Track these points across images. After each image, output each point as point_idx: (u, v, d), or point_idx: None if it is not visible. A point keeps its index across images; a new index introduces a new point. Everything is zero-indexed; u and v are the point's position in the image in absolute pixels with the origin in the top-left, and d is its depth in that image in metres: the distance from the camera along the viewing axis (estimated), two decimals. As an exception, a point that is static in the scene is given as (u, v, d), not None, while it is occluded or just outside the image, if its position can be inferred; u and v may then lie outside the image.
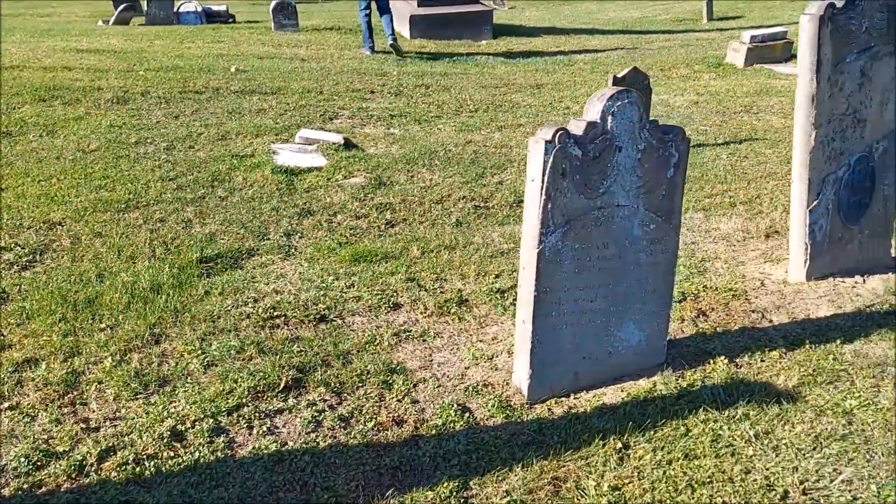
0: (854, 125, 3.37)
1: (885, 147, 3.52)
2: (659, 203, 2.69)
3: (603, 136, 2.50)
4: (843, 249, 3.64)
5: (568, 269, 2.56)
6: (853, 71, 3.26)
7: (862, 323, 3.25)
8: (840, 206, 3.51)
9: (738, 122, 7.07)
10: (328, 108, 7.19)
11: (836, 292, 3.51)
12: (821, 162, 3.36)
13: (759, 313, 3.30)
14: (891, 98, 3.43)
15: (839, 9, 3.10)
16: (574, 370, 2.70)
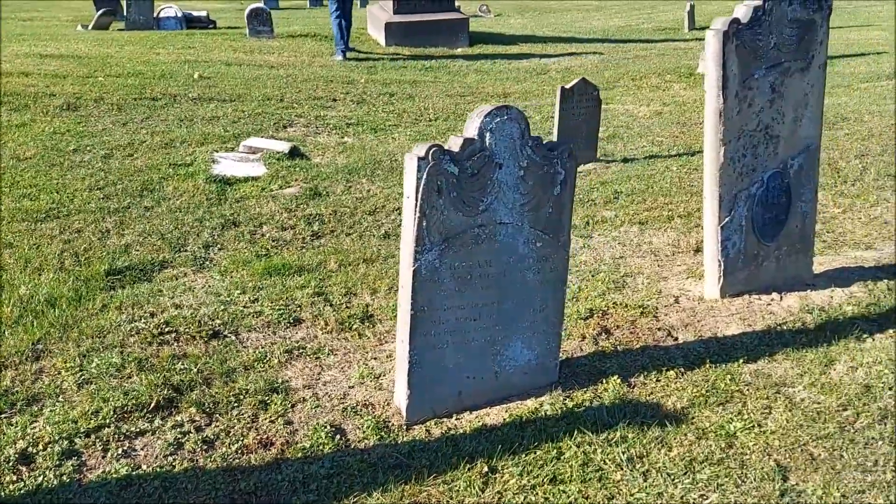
0: (766, 141, 3.34)
1: (801, 163, 3.48)
2: (546, 220, 2.65)
3: (481, 153, 2.46)
4: (760, 267, 3.60)
5: (448, 287, 2.52)
6: (763, 87, 3.22)
7: (769, 342, 3.21)
8: (755, 222, 3.47)
9: (697, 134, 7.04)
10: (285, 116, 7.16)
11: (749, 310, 3.47)
12: (732, 178, 3.32)
13: (666, 331, 3.26)
14: (805, 114, 3.40)
15: (744, 24, 3.07)
16: (458, 390, 2.66)
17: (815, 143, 3.48)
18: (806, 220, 3.64)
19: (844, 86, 9.46)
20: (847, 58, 11.17)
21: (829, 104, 8.34)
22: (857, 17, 16.76)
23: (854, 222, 4.79)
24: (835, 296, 3.65)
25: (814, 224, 3.69)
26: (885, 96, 8.68)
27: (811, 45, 3.26)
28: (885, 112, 7.80)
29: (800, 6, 3.17)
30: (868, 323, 3.41)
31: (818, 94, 3.39)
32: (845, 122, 7.42)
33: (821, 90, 3.40)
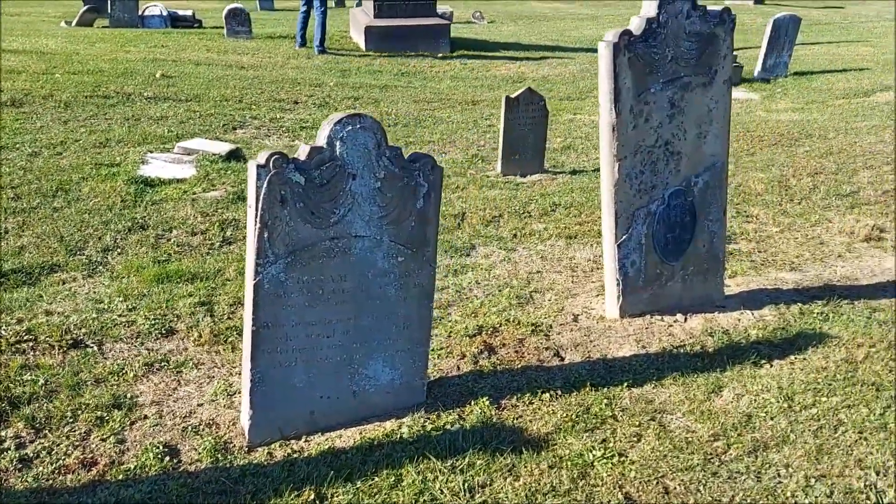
0: (667, 158, 3.24)
1: (706, 181, 3.38)
2: (409, 234, 2.55)
3: (332, 163, 2.36)
4: (664, 287, 3.49)
5: (296, 302, 2.42)
6: (661, 101, 3.12)
7: (661, 365, 3.10)
8: (656, 241, 3.36)
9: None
10: (239, 117, 7.08)
11: (647, 331, 3.36)
12: (629, 195, 3.22)
13: (554, 351, 3.15)
14: (709, 130, 3.29)
15: (637, 37, 2.97)
16: (310, 410, 2.55)
17: (721, 160, 3.37)
18: (714, 239, 3.53)
19: (819, 102, 9.35)
20: (828, 73, 11.06)
21: (797, 120, 8.27)
22: (849, 33, 16.63)
23: (789, 242, 4.67)
24: (743, 319, 3.54)
25: (723, 244, 3.58)
26: (858, 113, 8.56)
27: (713, 59, 3.16)
28: (853, 129, 7.68)
29: (699, 20, 3.06)
30: (770, 348, 3.30)
31: (723, 110, 3.29)
32: (808, 139, 7.31)
33: (726, 106, 3.29)
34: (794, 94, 9.72)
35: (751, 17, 18.81)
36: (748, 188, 5.72)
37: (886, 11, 21.75)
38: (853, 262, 4.37)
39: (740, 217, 5.12)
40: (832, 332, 3.44)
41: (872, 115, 8.42)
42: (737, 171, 6.20)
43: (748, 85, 10.35)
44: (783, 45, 10.52)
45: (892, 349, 3.30)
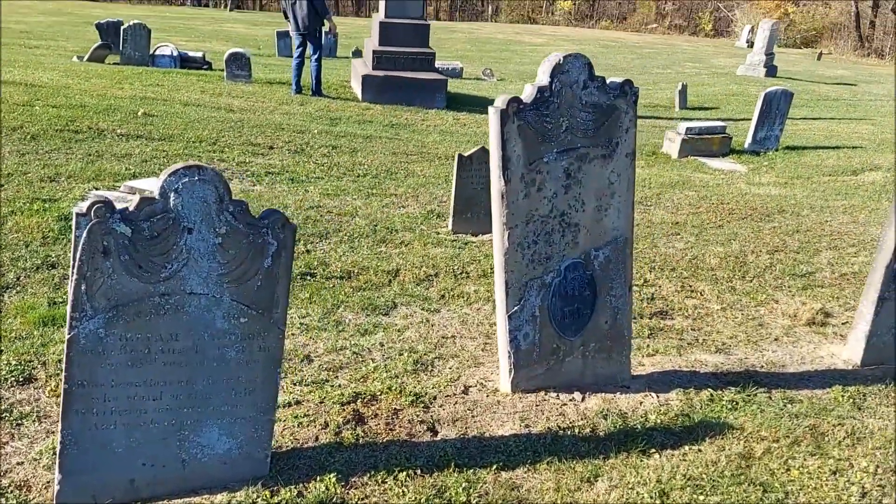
0: (562, 229, 3.12)
1: (608, 255, 3.25)
2: (254, 295, 2.44)
3: (164, 215, 2.27)
4: (562, 362, 3.34)
5: (117, 360, 2.30)
6: (555, 171, 3.02)
7: (540, 447, 2.94)
8: (553, 314, 3.23)
9: (619, 213, 6.80)
10: (206, 159, 7.08)
11: (537, 409, 3.20)
12: (521, 265, 3.10)
13: (429, 425, 2.99)
14: (611, 204, 3.18)
15: (528, 104, 2.89)
16: (130, 477, 2.41)
17: (624, 235, 3.24)
18: (618, 316, 3.38)
19: (804, 178, 9.21)
20: (821, 149, 10.94)
21: (776, 195, 8.14)
22: (854, 110, 16.56)
23: (727, 322, 4.50)
24: (646, 401, 3.37)
25: (629, 321, 3.43)
26: (840, 192, 8.41)
27: (613, 131, 3.06)
28: (829, 208, 7.53)
29: (598, 90, 2.98)
30: (666, 436, 3.12)
31: (626, 183, 3.18)
32: (781, 214, 7.16)
33: (629, 180, 3.18)
34: (781, 169, 9.60)
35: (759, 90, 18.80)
36: (703, 262, 5.57)
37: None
38: (787, 346, 4.19)
39: (684, 292, 4.96)
40: (737, 422, 3.26)
41: (854, 194, 8.27)
42: (696, 243, 6.06)
43: (736, 156, 10.26)
44: (774, 118, 10.44)
45: (796, 445, 3.11)
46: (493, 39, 32.12)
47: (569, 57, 2.89)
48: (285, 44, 20.13)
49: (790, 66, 26.93)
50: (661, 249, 5.86)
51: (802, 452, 3.08)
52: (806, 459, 3.03)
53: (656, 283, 5.09)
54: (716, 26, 50.94)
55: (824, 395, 3.61)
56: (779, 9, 45.56)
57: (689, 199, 7.65)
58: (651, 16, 53.98)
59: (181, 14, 35.84)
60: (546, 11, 55.53)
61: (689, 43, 37.99)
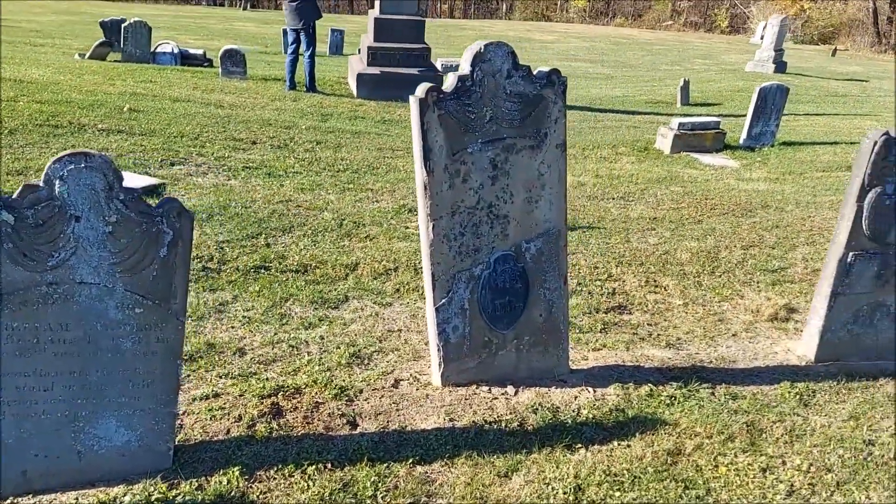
0: (491, 221, 3.06)
1: (540, 248, 3.19)
2: (149, 285, 2.41)
3: (49, 202, 2.25)
4: (496, 355, 3.29)
5: (4, 350, 2.28)
6: (480, 162, 2.96)
7: (462, 441, 2.89)
8: (483, 307, 3.17)
9: (597, 209, 6.74)
10: (185, 153, 7.08)
11: (466, 403, 3.15)
12: (447, 257, 3.04)
13: (350, 419, 2.95)
14: (542, 195, 3.12)
15: (448, 94, 2.84)
16: (22, 469, 2.39)
17: (556, 227, 3.18)
18: (553, 309, 3.32)
19: (796, 173, 9.06)
20: (818, 145, 10.77)
21: (764, 190, 8.01)
22: (862, 106, 16.30)
23: (687, 317, 4.43)
24: (581, 396, 3.31)
25: (566, 314, 3.37)
26: (830, 187, 8.26)
27: (541, 121, 3.00)
28: (815, 203, 7.40)
29: (523, 80, 2.92)
30: (596, 431, 3.07)
31: (557, 175, 3.11)
32: (764, 209, 7.04)
33: (561, 171, 3.12)
34: (774, 164, 9.45)
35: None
36: (673, 257, 5.48)
37: (910, 86, 21.39)
38: (743, 342, 4.11)
39: (648, 286, 4.88)
40: (672, 418, 3.19)
41: (845, 189, 8.10)
42: (671, 238, 5.97)
43: (730, 152, 10.12)
44: (770, 113, 10.29)
45: (730, 441, 3.04)
46: (504, 36, 31.95)
47: (490, 45, 2.83)
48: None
49: (802, 63, 26.59)
50: (634, 244, 5.78)
51: (735, 449, 3.00)
52: (737, 456, 2.96)
53: (621, 277, 5.01)
54: (732, 23, 50.42)
55: (771, 392, 3.53)
56: (795, 4, 45.04)
57: (672, 195, 7.55)
58: (667, 13, 53.57)
59: (194, 13, 36.02)
60: (560, 9, 55.28)
61: (703, 40, 37.63)
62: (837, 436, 3.16)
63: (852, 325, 3.84)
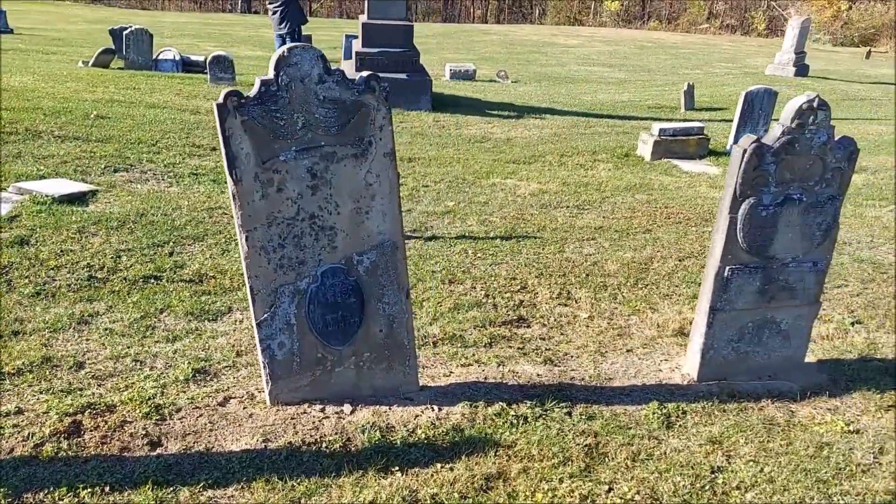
0: (315, 232, 2.95)
1: (374, 260, 3.06)
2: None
3: None
4: (332, 373, 3.17)
5: None
6: (297, 171, 2.85)
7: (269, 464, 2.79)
8: (313, 322, 3.06)
9: (544, 218, 6.57)
10: (135, 160, 7.11)
11: (291, 422, 3.03)
12: (267, 270, 2.94)
13: (154, 439, 2.86)
14: (372, 206, 2.99)
15: (251, 99, 2.73)
16: None
17: (391, 239, 3.05)
18: (394, 324, 3.19)
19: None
20: (810, 151, 10.38)
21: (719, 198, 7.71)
22: (878, 110, 15.75)
23: (587, 331, 4.26)
24: (423, 415, 3.18)
25: (410, 329, 3.23)
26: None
27: (364, 129, 2.88)
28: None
29: (338, 85, 2.80)
30: (425, 451, 2.94)
31: (388, 184, 2.99)
32: (721, 218, 6.77)
33: (392, 181, 2.99)
34: (754, 171, 9.12)
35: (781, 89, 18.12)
36: (601, 268, 5.30)
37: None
38: (632, 358, 3.92)
39: (560, 299, 4.72)
40: (510, 439, 3.04)
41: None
42: (608, 248, 5.78)
43: (714, 159, 9.83)
44: (758, 118, 9.97)
45: (563, 465, 2.88)
46: (527, 41, 31.82)
47: (296, 49, 2.72)
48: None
49: (831, 66, 25.91)
50: (567, 254, 5.60)
51: (564, 474, 2.84)
52: (562, 482, 2.80)
53: (535, 289, 4.85)
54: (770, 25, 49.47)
55: (636, 412, 3.35)
56: (832, 6, 43.96)
57: (633, 203, 7.34)
58: (703, 16, 52.76)
59: (222, 20, 36.59)
60: (593, 13, 54.86)
61: (733, 43, 36.96)
62: (685, 461, 2.97)
63: (737, 343, 3.63)
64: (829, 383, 3.67)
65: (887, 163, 9.43)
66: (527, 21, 53.87)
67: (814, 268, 3.53)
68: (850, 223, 6.66)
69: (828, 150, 3.32)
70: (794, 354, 3.75)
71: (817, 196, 3.39)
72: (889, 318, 4.45)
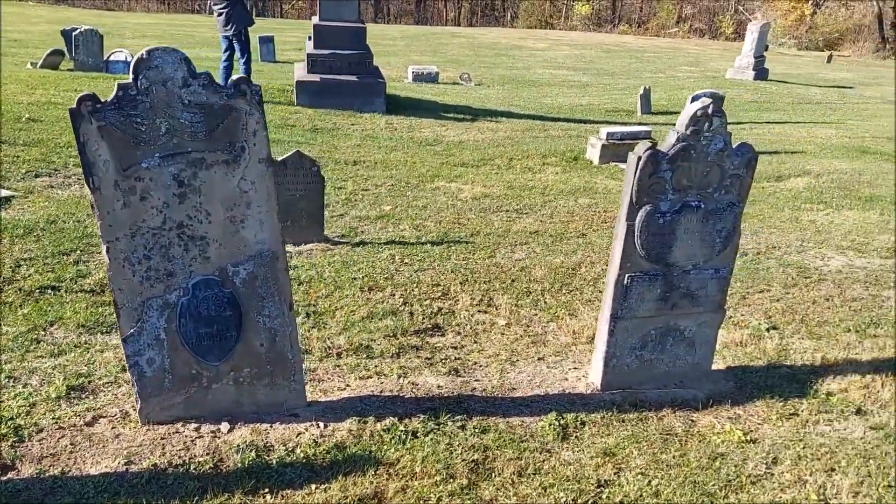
0: (185, 243, 2.81)
1: (252, 272, 2.93)
2: None
3: None
4: (209, 390, 3.03)
5: None
6: (162, 178, 2.72)
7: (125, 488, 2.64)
8: (185, 337, 2.92)
9: (480, 222, 6.47)
10: (59, 165, 6.90)
11: (161, 442, 2.89)
12: (132, 282, 2.80)
13: (6, 462, 2.71)
14: (248, 214, 2.86)
15: (107, 104, 2.59)
16: None
17: (270, 248, 2.93)
18: (277, 338, 3.06)
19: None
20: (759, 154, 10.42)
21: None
22: (833, 114, 15.91)
23: (502, 339, 4.17)
24: (307, 433, 3.05)
25: (294, 342, 3.11)
26: (750, 199, 7.93)
27: (235, 134, 2.75)
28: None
29: (204, 89, 2.67)
30: (302, 471, 2.84)
31: (266, 192, 2.86)
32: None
33: (269, 188, 2.86)
34: (700, 174, 9.12)
35: (739, 93, 18.29)
36: (528, 273, 5.22)
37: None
38: (541, 367, 3.84)
39: (480, 305, 4.62)
40: (394, 455, 2.93)
41: (764, 201, 7.80)
42: (540, 253, 5.70)
43: (662, 161, 9.79)
44: (705, 121, 9.95)
45: (446, 483, 2.77)
46: (496, 44, 31.76)
47: (156, 51, 2.59)
48: (268, 49, 20.07)
49: (792, 69, 26.20)
50: (496, 259, 5.51)
51: (444, 492, 2.74)
52: (441, 500, 2.69)
53: (456, 296, 4.75)
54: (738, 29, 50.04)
55: (533, 424, 3.26)
56: (796, 10, 44.55)
57: (574, 207, 7.28)
58: (672, 19, 53.23)
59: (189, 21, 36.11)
60: (564, 16, 55.12)
61: (699, 47, 37.25)
62: (573, 475, 2.88)
63: (641, 351, 3.55)
64: (734, 391, 3.60)
65: (831, 166, 9.47)
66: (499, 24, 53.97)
67: (716, 275, 3.47)
68: (785, 227, 6.65)
69: (725, 156, 3.25)
70: (700, 362, 3.68)
71: (716, 203, 3.32)
72: (805, 323, 4.40)
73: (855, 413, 3.42)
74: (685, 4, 53.97)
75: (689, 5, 53.88)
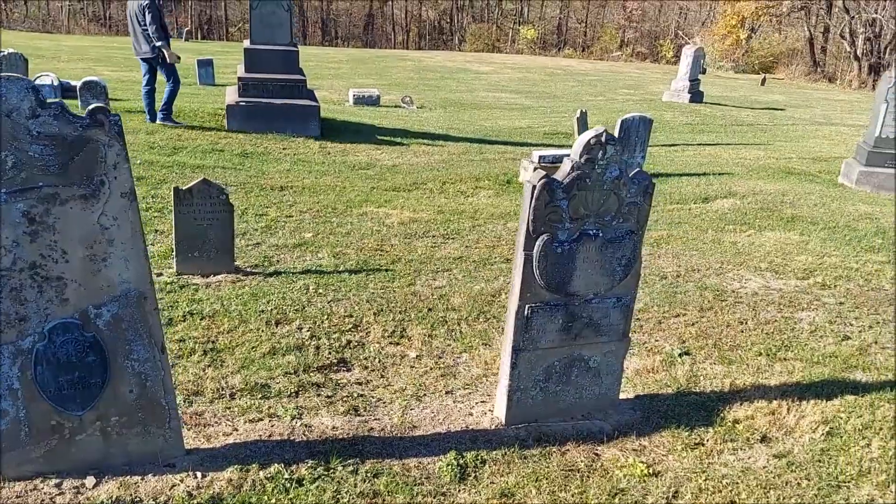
0: (38, 284, 2.60)
1: (117, 313, 2.73)
2: None
3: None
4: (72, 442, 2.81)
5: None
6: (10, 216, 2.51)
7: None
8: (44, 386, 2.70)
9: (403, 249, 6.33)
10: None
11: (12, 502, 2.65)
12: (-18, 328, 2.57)
13: None
14: (111, 252, 2.67)
15: (-56, 136, 2.38)
16: None
17: (136, 288, 2.73)
18: (148, 383, 2.85)
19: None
20: (686, 176, 10.56)
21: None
22: (763, 135, 16.29)
23: (411, 372, 4.03)
24: (183, 483, 2.84)
25: (168, 388, 2.90)
26: (675, 220, 7.98)
27: (93, 167, 2.56)
28: (649, 240, 7.07)
29: (56, 119, 2.49)
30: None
31: (130, 228, 2.67)
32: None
33: (133, 224, 2.67)
34: (630, 196, 9.16)
35: (675, 115, 18.62)
36: (447, 302, 5.08)
37: (823, 115, 21.65)
38: (447, 402, 3.69)
39: (393, 337, 4.47)
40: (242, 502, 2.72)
41: (689, 223, 7.84)
42: (461, 280, 5.58)
43: (593, 183, 9.82)
44: (635, 145, 10.06)
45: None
46: (441, 67, 31.89)
47: (1, 79, 2.40)
48: (206, 72, 19.73)
49: (728, 92, 26.89)
50: (415, 288, 5.37)
51: (323, 548, 2.55)
52: (317, 557, 2.51)
53: (368, 327, 4.59)
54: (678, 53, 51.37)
55: (431, 464, 3.10)
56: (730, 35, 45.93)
57: (501, 232, 7.19)
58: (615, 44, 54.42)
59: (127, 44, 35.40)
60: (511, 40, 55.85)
61: (640, 70, 38.09)
62: (465, 523, 2.73)
63: (546, 383, 3.44)
64: (641, 421, 3.51)
65: (756, 187, 9.63)
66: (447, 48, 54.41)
67: (618, 303, 3.38)
68: (707, 249, 6.67)
69: (621, 184, 3.17)
70: (607, 392, 3.59)
71: (615, 231, 3.25)
72: (718, 348, 4.36)
73: (760, 441, 3.36)
74: (627, 29, 55.35)
75: (632, 30, 55.27)
